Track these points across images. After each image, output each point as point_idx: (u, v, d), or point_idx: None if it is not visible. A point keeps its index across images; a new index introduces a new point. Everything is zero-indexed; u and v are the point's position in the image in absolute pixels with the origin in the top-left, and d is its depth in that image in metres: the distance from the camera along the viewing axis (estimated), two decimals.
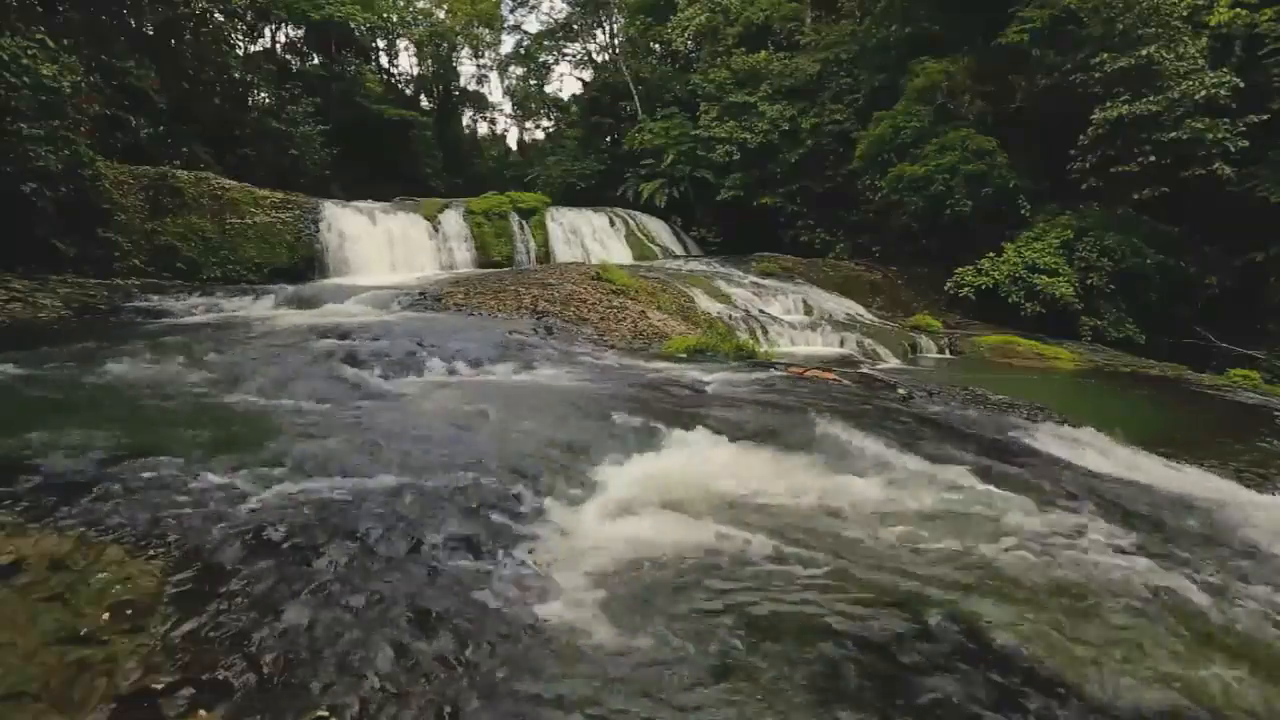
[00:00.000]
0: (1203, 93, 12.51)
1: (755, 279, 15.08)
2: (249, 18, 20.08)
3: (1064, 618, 2.62)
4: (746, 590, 2.69)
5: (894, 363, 10.99)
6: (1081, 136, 13.74)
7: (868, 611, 2.57)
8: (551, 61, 35.81)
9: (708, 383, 6.45)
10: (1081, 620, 2.62)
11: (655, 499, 3.46)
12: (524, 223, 17.31)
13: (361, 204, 15.51)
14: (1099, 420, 5.95)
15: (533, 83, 38.00)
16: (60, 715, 1.83)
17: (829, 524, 3.33)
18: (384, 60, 32.53)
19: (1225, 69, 12.80)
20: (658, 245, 20.06)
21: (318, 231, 13.62)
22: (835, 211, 19.56)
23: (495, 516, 3.12)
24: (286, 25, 25.35)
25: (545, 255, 17.10)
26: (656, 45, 29.14)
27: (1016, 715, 2.08)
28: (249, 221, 12.86)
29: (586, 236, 18.29)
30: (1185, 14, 13.35)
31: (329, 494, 3.22)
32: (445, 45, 33.38)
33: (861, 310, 14.43)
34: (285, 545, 2.72)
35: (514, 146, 42.73)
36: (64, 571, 2.39)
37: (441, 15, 33.09)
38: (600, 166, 27.23)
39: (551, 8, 39.82)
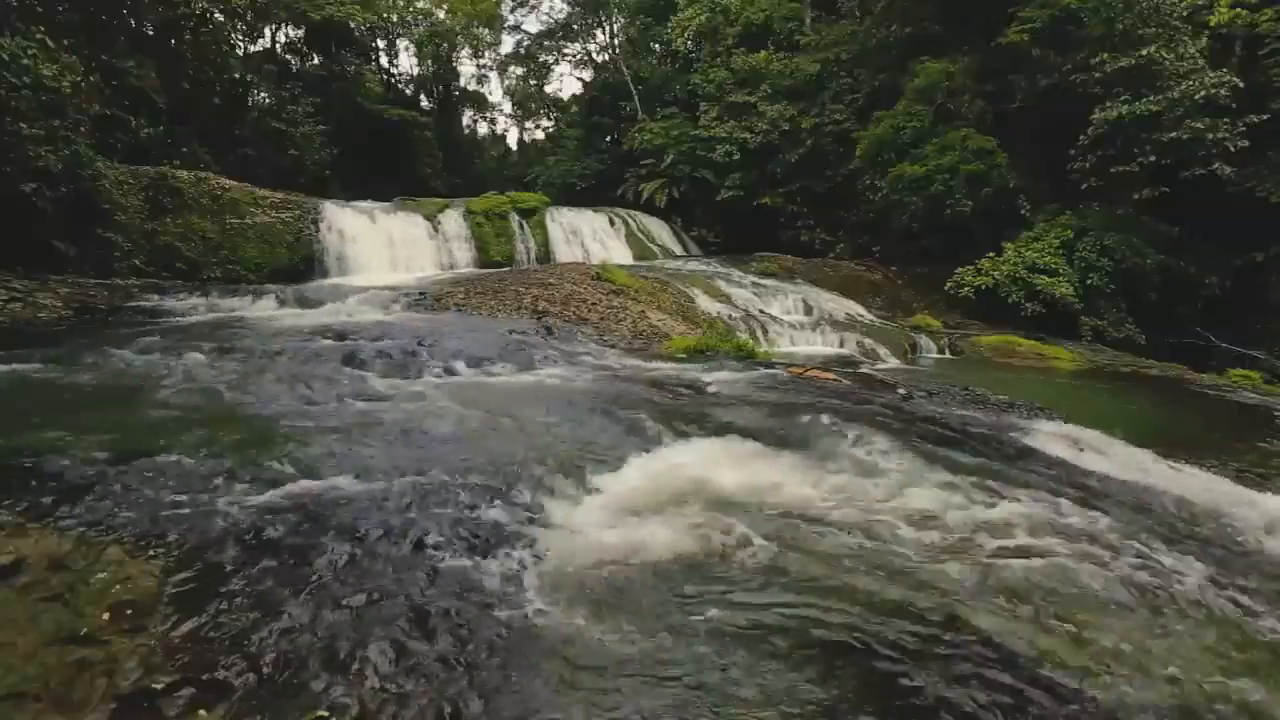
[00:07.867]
0: (1203, 93, 12.48)
1: (755, 279, 15.07)
2: (249, 18, 19.98)
3: (1064, 618, 2.62)
4: (745, 590, 2.70)
5: (894, 363, 10.99)
6: (1081, 136, 13.72)
7: (866, 613, 2.57)
8: (551, 61, 35.79)
9: (707, 383, 6.45)
10: (1082, 621, 2.62)
11: (655, 499, 3.46)
12: (524, 223, 17.30)
13: (361, 204, 15.48)
14: (1099, 420, 5.95)
15: (533, 83, 37.98)
16: (60, 715, 1.83)
17: (827, 524, 3.33)
18: (384, 60, 32.49)
19: (1225, 69, 12.79)
20: (658, 245, 20.04)
21: (318, 231, 13.59)
22: (835, 211, 19.53)
23: (495, 516, 3.12)
24: (286, 25, 25.28)
25: (545, 255, 17.08)
26: (656, 45, 29.08)
27: (1019, 717, 2.08)
28: (249, 221, 12.83)
29: (586, 236, 18.27)
30: (1185, 14, 13.34)
31: (329, 494, 3.22)
32: (445, 45, 33.28)
33: (861, 310, 14.41)
34: (285, 545, 2.73)
35: (514, 146, 42.69)
36: (64, 571, 2.39)
37: (441, 15, 32.98)
38: (600, 166, 27.20)
39: (551, 8, 39.74)
